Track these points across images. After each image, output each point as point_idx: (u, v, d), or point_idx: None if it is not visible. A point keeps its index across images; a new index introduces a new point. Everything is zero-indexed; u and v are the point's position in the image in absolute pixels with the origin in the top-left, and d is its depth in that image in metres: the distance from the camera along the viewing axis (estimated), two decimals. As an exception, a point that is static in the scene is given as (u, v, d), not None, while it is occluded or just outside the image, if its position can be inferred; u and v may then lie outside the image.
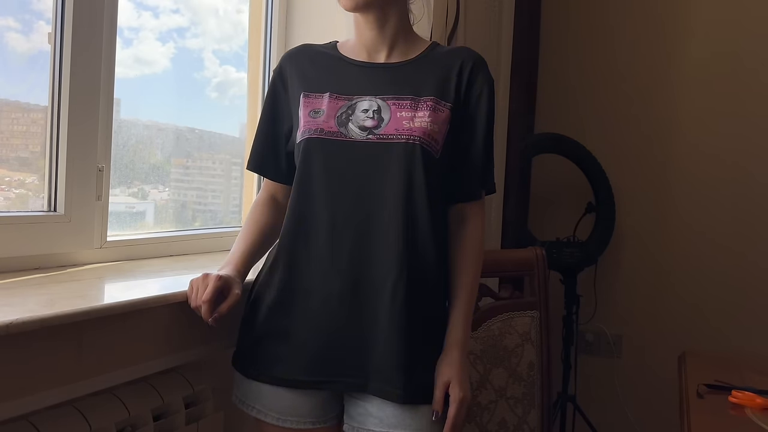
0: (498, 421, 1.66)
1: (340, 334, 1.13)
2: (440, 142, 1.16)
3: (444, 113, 1.17)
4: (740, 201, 2.62)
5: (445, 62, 1.22)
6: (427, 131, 1.14)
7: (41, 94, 1.20)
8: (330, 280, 1.13)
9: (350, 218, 1.13)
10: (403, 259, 1.12)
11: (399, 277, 1.11)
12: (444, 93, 1.19)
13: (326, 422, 1.19)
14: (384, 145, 1.14)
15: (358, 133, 1.14)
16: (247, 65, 1.85)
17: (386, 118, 1.15)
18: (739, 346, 2.56)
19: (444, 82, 1.19)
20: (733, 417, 1.32)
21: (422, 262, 1.14)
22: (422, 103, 1.17)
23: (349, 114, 1.16)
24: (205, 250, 1.59)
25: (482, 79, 1.21)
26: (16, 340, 0.83)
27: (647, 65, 2.75)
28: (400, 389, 1.11)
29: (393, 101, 1.17)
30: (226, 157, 1.83)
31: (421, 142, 1.13)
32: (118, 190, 1.45)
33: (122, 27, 1.45)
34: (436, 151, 1.16)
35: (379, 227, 1.12)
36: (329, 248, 1.13)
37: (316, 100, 1.19)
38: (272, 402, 1.16)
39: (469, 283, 1.19)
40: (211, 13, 1.75)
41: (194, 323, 1.17)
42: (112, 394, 1.06)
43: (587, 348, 2.79)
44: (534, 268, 1.75)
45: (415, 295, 1.13)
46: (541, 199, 2.81)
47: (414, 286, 1.13)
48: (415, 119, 1.15)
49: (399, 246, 1.12)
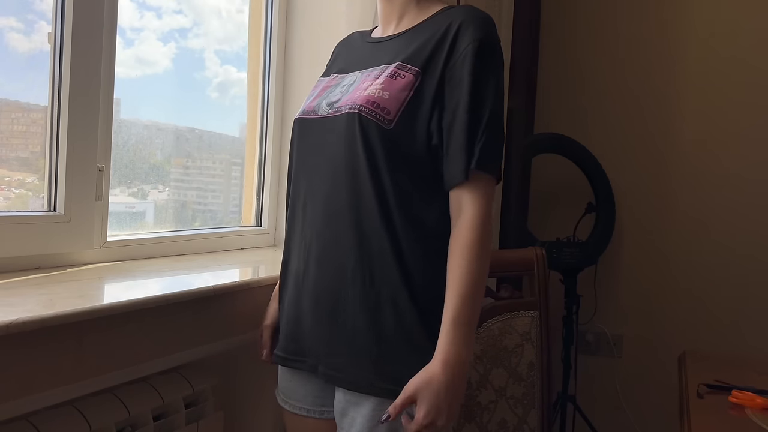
0: (498, 421, 1.66)
1: (304, 313, 1.10)
2: (393, 110, 1.02)
3: (405, 78, 1.03)
4: (740, 201, 2.62)
5: (436, 23, 1.08)
6: (372, 99, 1.02)
7: (41, 94, 1.20)
8: (301, 259, 1.12)
9: (316, 196, 1.10)
10: (355, 241, 1.03)
11: (354, 260, 1.03)
12: (414, 58, 1.05)
13: (322, 414, 1.15)
14: (332, 119, 1.07)
15: (324, 109, 1.10)
16: (247, 65, 1.85)
17: (351, 90, 1.09)
18: (739, 346, 2.56)
19: (422, 45, 1.06)
20: (733, 417, 1.32)
21: (374, 247, 1.03)
22: (387, 70, 1.06)
23: (331, 91, 1.14)
24: (205, 250, 1.59)
25: (469, 37, 1.03)
26: (16, 340, 0.83)
27: (647, 65, 2.75)
28: (343, 373, 1.05)
29: (369, 72, 1.10)
30: (226, 157, 1.83)
31: (360, 110, 1.02)
32: (118, 190, 1.45)
33: (125, 27, 1.46)
34: (385, 121, 1.01)
35: (336, 206, 1.06)
36: (302, 227, 1.13)
37: (318, 83, 1.21)
38: (281, 382, 1.21)
39: (459, 286, 0.99)
40: (213, 14, 1.75)
41: (194, 323, 1.17)
42: (112, 394, 1.06)
43: (587, 348, 2.79)
44: (534, 268, 1.75)
45: (370, 282, 1.03)
46: (541, 199, 2.81)
47: (366, 272, 1.03)
48: (368, 88, 1.04)
49: (350, 226, 1.04)
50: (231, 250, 1.66)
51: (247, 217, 1.84)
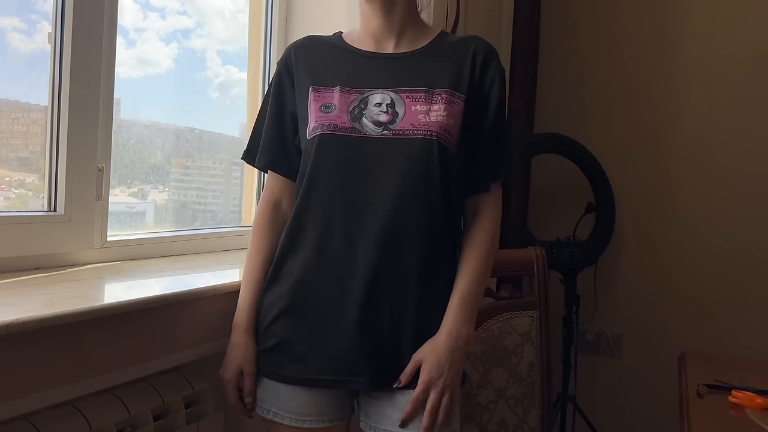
0: (498, 421, 1.66)
1: (355, 335, 1.10)
2: (456, 136, 1.13)
3: (459, 106, 1.14)
4: (740, 201, 2.62)
5: (457, 52, 1.18)
6: (444, 126, 1.11)
7: (41, 94, 1.20)
8: (346, 281, 1.10)
9: (367, 217, 1.10)
10: (421, 258, 1.11)
11: (416, 278, 1.11)
12: (458, 84, 1.15)
13: (342, 419, 1.17)
14: (400, 141, 1.10)
15: (373, 129, 1.11)
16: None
17: (401, 112, 1.12)
18: (739, 346, 2.56)
19: (458, 73, 1.16)
20: (733, 417, 1.32)
21: (437, 261, 1.13)
22: (437, 96, 1.13)
23: (362, 108, 1.13)
24: (205, 250, 1.59)
25: (494, 68, 1.18)
26: (16, 340, 0.83)
27: (647, 65, 2.75)
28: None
29: (406, 94, 1.13)
30: (226, 157, 1.83)
31: (438, 137, 1.10)
32: (118, 190, 1.45)
33: (128, 28, 1.46)
34: (452, 146, 1.13)
35: (396, 226, 1.10)
36: (345, 249, 1.10)
37: (326, 93, 1.16)
38: (289, 403, 1.14)
39: (471, 273, 1.14)
40: (217, 15, 1.75)
41: (194, 323, 1.17)
42: (112, 394, 1.06)
43: (587, 348, 2.79)
44: (534, 268, 1.75)
45: (429, 296, 1.12)
46: (541, 199, 2.81)
47: (429, 286, 1.12)
48: (431, 113, 1.12)
49: (417, 244, 1.10)
50: (231, 250, 1.66)
51: (247, 217, 1.84)
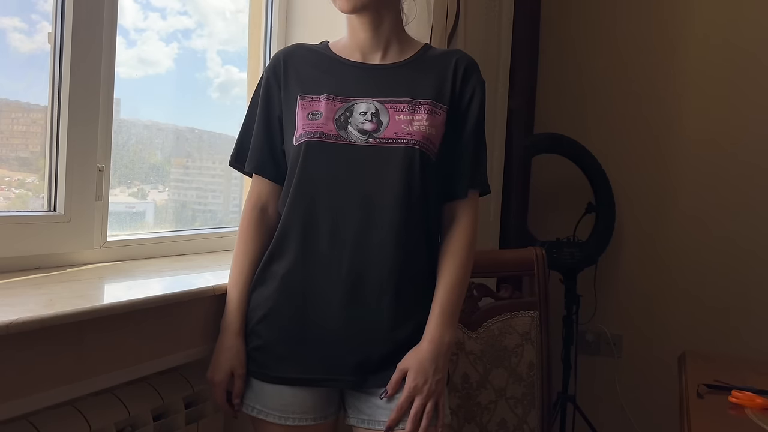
0: (498, 421, 1.66)
1: (340, 335, 1.14)
2: (437, 145, 1.18)
3: (441, 116, 1.19)
4: (740, 200, 2.62)
5: (440, 64, 1.23)
6: (426, 135, 1.16)
7: (41, 94, 1.20)
8: (331, 284, 1.14)
9: (350, 222, 1.14)
10: (401, 262, 1.14)
11: (396, 281, 1.14)
12: (440, 96, 1.20)
13: (327, 417, 1.19)
14: (384, 149, 1.15)
15: (358, 137, 1.15)
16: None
17: (385, 121, 1.16)
18: (739, 346, 2.56)
19: (440, 84, 1.21)
20: (733, 417, 1.32)
21: (417, 265, 1.17)
22: (420, 106, 1.18)
23: (347, 116, 1.17)
24: (205, 250, 1.59)
25: (475, 80, 1.23)
26: (16, 340, 0.83)
27: (647, 65, 2.75)
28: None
29: (390, 104, 1.18)
30: (226, 157, 1.83)
31: (421, 146, 1.15)
32: (118, 190, 1.45)
33: (129, 28, 1.46)
34: (434, 155, 1.17)
35: (377, 231, 1.14)
36: (330, 251, 1.14)
37: (313, 102, 1.19)
38: (274, 401, 1.16)
39: (449, 281, 1.17)
40: (218, 15, 1.75)
41: (194, 323, 1.17)
42: (112, 394, 1.06)
43: (587, 348, 2.79)
44: (534, 268, 1.75)
45: (409, 298, 1.16)
46: (541, 199, 2.81)
47: (409, 288, 1.16)
48: (414, 123, 1.16)
49: (398, 249, 1.14)
50: (231, 250, 1.65)
51: (247, 217, 1.83)
